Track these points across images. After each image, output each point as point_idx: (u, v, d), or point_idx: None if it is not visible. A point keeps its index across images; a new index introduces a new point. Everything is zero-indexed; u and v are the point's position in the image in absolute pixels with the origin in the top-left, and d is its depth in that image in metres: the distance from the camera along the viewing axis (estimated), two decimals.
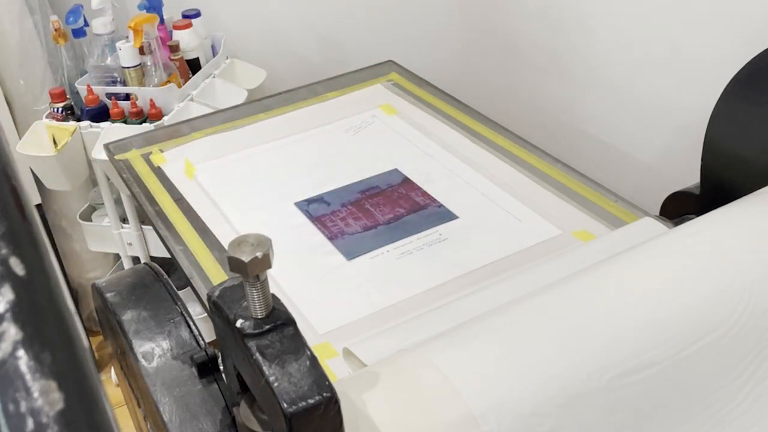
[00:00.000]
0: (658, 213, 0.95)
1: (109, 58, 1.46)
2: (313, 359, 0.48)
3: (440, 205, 1.03)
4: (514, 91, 1.54)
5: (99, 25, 1.45)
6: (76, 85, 1.43)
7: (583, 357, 0.59)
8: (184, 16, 1.62)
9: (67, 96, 1.43)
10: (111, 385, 1.53)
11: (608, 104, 1.34)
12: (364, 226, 1.00)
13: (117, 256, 1.61)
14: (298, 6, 1.63)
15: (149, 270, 0.68)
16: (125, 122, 1.39)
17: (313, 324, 0.84)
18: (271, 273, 0.49)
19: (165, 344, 0.61)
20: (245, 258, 0.47)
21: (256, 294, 0.49)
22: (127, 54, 1.40)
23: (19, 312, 0.21)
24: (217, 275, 0.92)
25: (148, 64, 1.47)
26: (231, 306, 0.51)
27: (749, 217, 0.72)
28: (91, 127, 1.37)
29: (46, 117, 1.41)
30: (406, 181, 1.09)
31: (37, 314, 0.21)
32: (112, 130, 1.34)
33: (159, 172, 1.15)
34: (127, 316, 0.62)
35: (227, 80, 1.61)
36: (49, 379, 0.20)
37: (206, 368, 0.59)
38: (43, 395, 0.20)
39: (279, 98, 1.33)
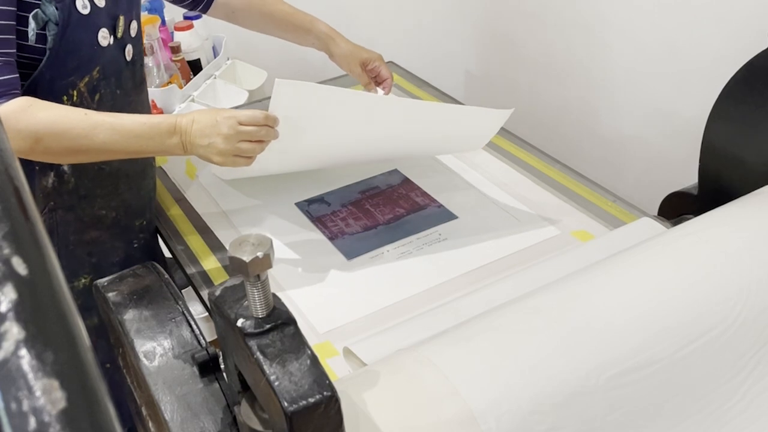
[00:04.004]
0: (656, 213, 0.96)
1: None
2: (314, 358, 0.48)
3: (440, 205, 1.03)
4: (514, 92, 1.54)
5: None
6: None
7: (581, 356, 0.59)
8: (186, 18, 1.62)
9: None
10: None
11: (607, 105, 1.35)
12: (364, 226, 1.00)
13: None
14: (299, 7, 1.63)
15: (151, 269, 0.68)
16: None
17: (314, 323, 0.84)
18: (271, 273, 0.49)
19: (166, 343, 0.61)
20: (246, 258, 0.47)
21: (257, 293, 0.49)
22: None
23: (22, 311, 0.21)
24: (218, 275, 0.92)
25: (150, 65, 1.47)
26: (232, 305, 0.51)
27: (747, 218, 0.72)
28: None
29: None
30: (406, 182, 1.09)
31: (40, 313, 0.21)
32: None
33: (161, 173, 1.16)
34: (129, 316, 0.63)
35: (228, 81, 1.61)
36: (51, 378, 0.20)
37: (207, 367, 0.60)
38: (45, 394, 0.20)
39: None
